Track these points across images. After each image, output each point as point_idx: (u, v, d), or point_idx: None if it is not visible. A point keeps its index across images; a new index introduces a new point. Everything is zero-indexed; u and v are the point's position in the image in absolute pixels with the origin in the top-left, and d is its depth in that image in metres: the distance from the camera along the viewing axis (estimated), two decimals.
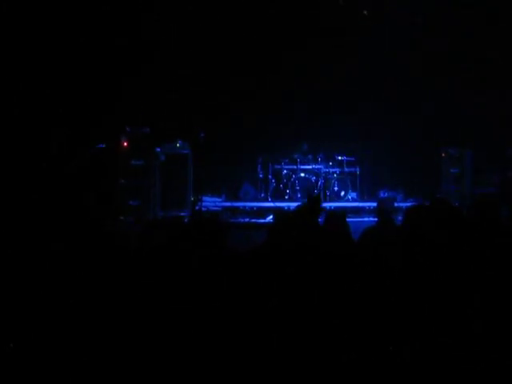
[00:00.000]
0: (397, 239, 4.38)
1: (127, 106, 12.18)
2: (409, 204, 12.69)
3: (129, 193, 11.44)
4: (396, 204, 12.62)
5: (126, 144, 11.51)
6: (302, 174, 13.42)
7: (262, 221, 12.09)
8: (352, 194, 13.69)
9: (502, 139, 12.60)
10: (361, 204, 13.35)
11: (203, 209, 12.03)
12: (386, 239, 4.47)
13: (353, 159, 13.87)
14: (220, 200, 13.23)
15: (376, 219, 6.45)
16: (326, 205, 12.98)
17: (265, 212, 12.66)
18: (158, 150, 11.89)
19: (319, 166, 13.55)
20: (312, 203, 6.15)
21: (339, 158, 13.78)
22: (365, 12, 13.67)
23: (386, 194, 13.77)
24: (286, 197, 13.28)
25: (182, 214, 11.71)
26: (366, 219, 12.11)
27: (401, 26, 13.23)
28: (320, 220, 5.38)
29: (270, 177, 13.45)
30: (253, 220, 12.17)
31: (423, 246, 4.14)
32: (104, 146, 11.59)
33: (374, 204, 12.41)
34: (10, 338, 3.61)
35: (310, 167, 13.59)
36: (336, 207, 12.95)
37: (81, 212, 9.49)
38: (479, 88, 13.02)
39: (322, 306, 3.79)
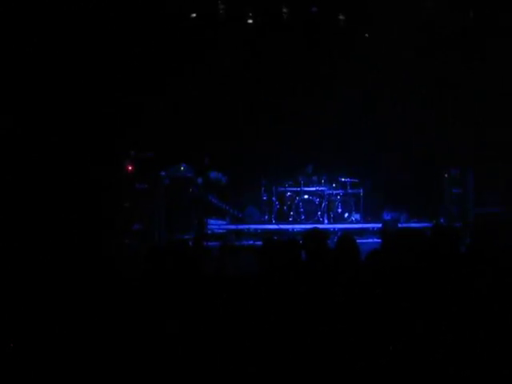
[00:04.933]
0: (400, 260, 4.47)
1: (132, 131, 12.26)
2: (413, 225, 12.77)
3: (133, 216, 11.46)
4: (400, 225, 12.71)
5: (130, 168, 11.57)
6: (306, 196, 13.45)
7: None
8: (356, 216, 13.70)
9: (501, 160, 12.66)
10: (364, 225, 13.38)
11: (208, 232, 12.06)
12: (390, 260, 4.53)
13: (356, 181, 13.89)
14: (225, 223, 13.26)
15: (380, 240, 6.50)
16: (330, 226, 13.05)
17: (269, 234, 12.69)
18: (163, 173, 11.93)
19: (323, 188, 13.59)
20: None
21: (343, 179, 13.81)
22: (366, 35, 13.78)
23: (390, 215, 13.80)
24: (290, 219, 13.31)
25: (186, 237, 11.73)
26: (369, 240, 12.13)
27: (398, 54, 13.38)
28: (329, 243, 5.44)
29: (273, 199, 13.48)
30: (257, 242, 12.15)
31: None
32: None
33: (378, 225, 12.52)
34: None
35: (313, 189, 13.62)
36: (340, 229, 12.98)
37: (83, 237, 9.57)
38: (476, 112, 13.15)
39: (331, 329, 3.83)
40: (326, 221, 13.35)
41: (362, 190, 13.80)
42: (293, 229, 12.80)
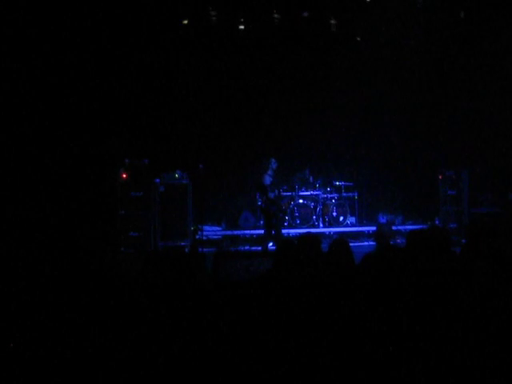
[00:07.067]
0: (398, 262, 4.48)
1: (126, 138, 12.28)
2: (408, 227, 12.80)
3: (129, 224, 11.47)
4: (395, 227, 12.75)
5: (125, 176, 11.58)
6: (301, 201, 13.47)
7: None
8: (351, 219, 13.73)
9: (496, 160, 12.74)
10: (360, 228, 13.42)
11: (204, 238, 12.06)
12: (385, 263, 4.54)
13: (351, 184, 13.92)
14: (220, 229, 13.27)
15: (375, 243, 6.52)
16: (325, 230, 13.07)
17: None
18: (157, 180, 11.94)
19: (317, 192, 13.62)
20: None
21: (337, 183, 13.83)
22: (358, 39, 13.83)
23: (385, 218, 13.84)
24: (285, 224, 13.30)
25: (182, 244, 11.74)
26: (365, 243, 12.18)
27: (396, 56, 13.46)
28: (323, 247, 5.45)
29: None
30: (253, 248, 12.16)
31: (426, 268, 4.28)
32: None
33: (373, 228, 12.55)
34: None
35: (308, 193, 13.64)
36: (335, 232, 13.02)
37: (81, 246, 9.56)
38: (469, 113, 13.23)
39: (325, 333, 3.84)
40: (321, 225, 13.37)
41: (356, 194, 13.82)
42: (288, 233, 12.80)
